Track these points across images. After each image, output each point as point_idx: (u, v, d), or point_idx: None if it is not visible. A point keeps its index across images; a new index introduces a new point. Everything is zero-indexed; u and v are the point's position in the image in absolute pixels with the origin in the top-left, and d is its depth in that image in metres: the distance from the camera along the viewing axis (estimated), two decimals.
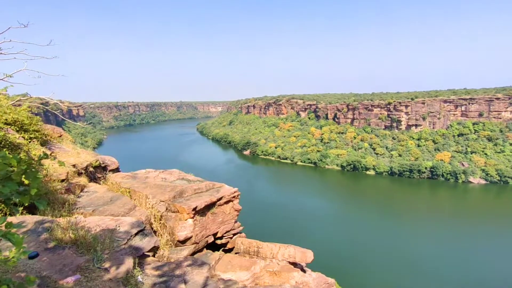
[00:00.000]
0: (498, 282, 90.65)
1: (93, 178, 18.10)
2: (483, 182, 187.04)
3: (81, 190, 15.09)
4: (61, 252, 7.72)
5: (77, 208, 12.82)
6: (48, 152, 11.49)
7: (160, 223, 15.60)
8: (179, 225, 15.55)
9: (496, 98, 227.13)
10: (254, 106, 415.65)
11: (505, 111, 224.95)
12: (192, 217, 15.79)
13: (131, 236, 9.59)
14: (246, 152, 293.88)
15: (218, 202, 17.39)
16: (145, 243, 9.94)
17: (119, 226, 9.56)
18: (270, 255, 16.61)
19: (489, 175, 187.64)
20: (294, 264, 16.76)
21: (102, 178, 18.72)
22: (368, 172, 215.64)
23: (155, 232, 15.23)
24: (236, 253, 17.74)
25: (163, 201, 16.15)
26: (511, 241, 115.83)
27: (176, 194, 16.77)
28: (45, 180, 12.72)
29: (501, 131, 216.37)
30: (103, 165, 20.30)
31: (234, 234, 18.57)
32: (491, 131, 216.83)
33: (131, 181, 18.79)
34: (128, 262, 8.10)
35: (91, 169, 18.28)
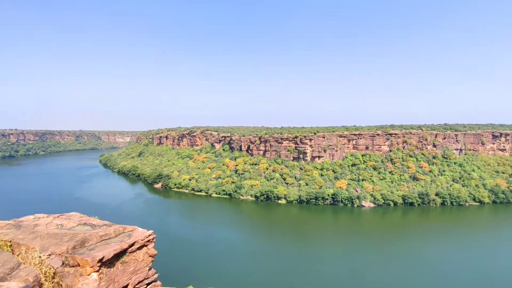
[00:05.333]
0: (388, 284, 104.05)
1: None
2: (372, 205, 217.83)
3: None
4: None
5: None
6: None
7: (53, 282, 12.85)
8: (80, 282, 13.10)
9: (377, 134, 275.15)
10: (166, 137, 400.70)
11: (383, 145, 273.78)
12: (97, 271, 13.54)
13: None
14: (158, 186, 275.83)
15: (130, 249, 15.46)
16: None
17: None
18: None
19: (376, 199, 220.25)
20: None
21: None
22: (280, 201, 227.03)
23: None
24: None
25: (59, 254, 13.49)
26: (393, 252, 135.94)
27: (76, 244, 14.25)
28: None
29: (382, 162, 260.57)
30: None
31: (148, 284, 16.61)
32: (375, 162, 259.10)
33: (14, 231, 15.25)
34: None
35: None
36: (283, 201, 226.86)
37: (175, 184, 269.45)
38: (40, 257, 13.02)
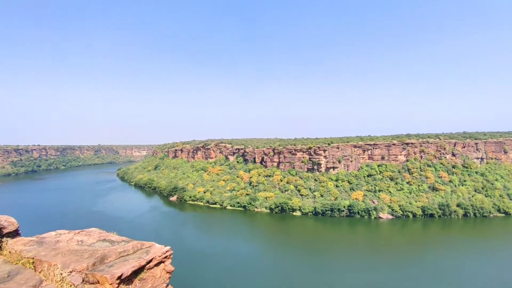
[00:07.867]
0: None
1: None
2: (390, 217, 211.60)
3: None
4: None
5: None
6: None
7: None
8: None
9: (393, 144, 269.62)
10: (182, 150, 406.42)
11: (400, 155, 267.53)
12: None
13: None
14: (173, 198, 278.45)
15: (147, 265, 15.77)
16: None
17: None
18: None
19: (394, 211, 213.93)
20: None
21: None
22: (294, 213, 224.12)
23: None
24: None
25: (80, 271, 13.95)
26: (416, 267, 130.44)
27: (96, 261, 14.69)
28: None
29: (399, 172, 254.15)
30: None
31: None
32: (392, 172, 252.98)
33: (37, 248, 15.89)
34: None
35: None
36: (298, 213, 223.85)
37: (190, 197, 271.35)
38: (61, 274, 13.47)
